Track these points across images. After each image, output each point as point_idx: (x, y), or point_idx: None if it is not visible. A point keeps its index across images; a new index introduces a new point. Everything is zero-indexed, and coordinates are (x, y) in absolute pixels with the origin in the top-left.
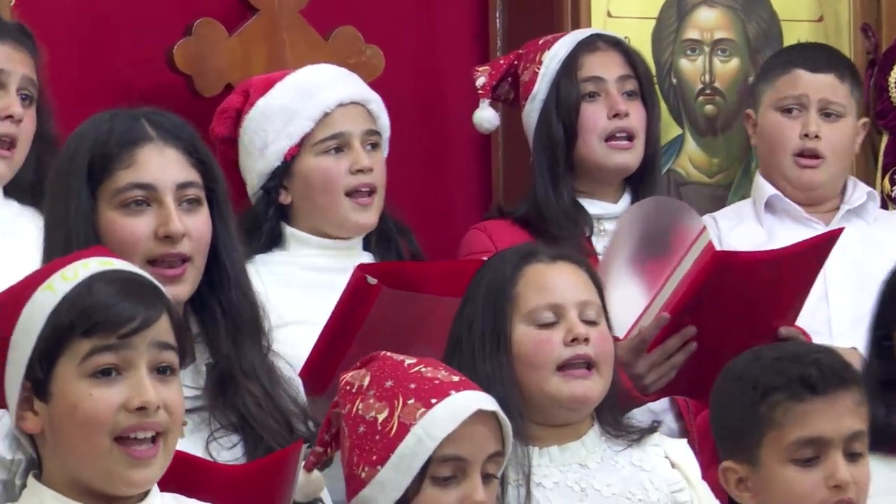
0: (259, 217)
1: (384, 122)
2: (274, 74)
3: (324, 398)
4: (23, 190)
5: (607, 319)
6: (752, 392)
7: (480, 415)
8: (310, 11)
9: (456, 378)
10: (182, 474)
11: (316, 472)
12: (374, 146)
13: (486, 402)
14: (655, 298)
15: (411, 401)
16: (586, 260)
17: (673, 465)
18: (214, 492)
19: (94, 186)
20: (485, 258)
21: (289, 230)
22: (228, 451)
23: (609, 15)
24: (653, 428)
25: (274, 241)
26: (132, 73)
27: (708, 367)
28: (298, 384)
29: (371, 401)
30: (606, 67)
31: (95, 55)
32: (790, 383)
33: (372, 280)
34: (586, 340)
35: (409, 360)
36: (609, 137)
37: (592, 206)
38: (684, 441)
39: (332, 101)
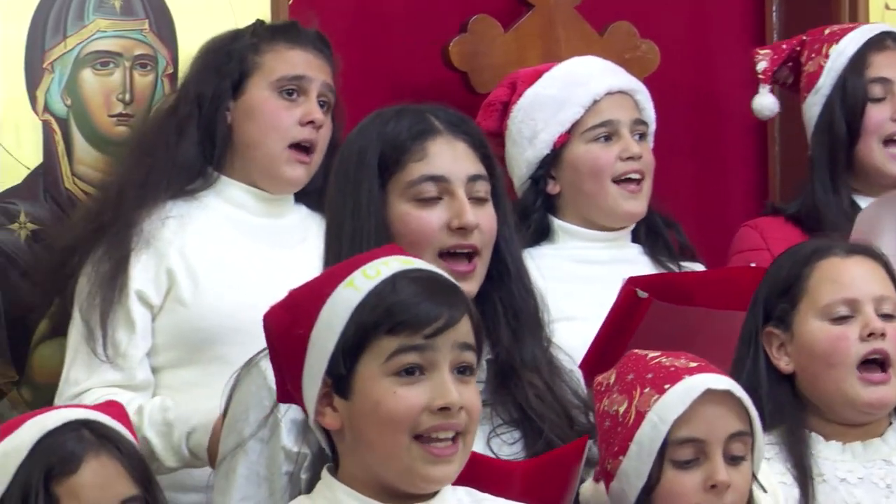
0: (527, 208)
1: (650, 113)
2: (540, 66)
3: None
4: (311, 195)
5: None
6: None
7: (715, 395)
8: (585, 7)
9: (694, 364)
10: (465, 471)
11: None
12: (642, 136)
13: (718, 381)
14: None
15: (647, 389)
16: (883, 253)
17: None
18: (497, 488)
19: (384, 179)
20: (753, 265)
21: (557, 222)
22: (509, 447)
23: (887, 7)
24: None
25: (541, 234)
26: (408, 70)
27: None
28: (579, 375)
29: (615, 395)
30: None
31: (372, 53)
32: None
33: (643, 294)
34: (883, 335)
35: (652, 354)
36: (888, 141)
37: None
38: None
39: (601, 89)
